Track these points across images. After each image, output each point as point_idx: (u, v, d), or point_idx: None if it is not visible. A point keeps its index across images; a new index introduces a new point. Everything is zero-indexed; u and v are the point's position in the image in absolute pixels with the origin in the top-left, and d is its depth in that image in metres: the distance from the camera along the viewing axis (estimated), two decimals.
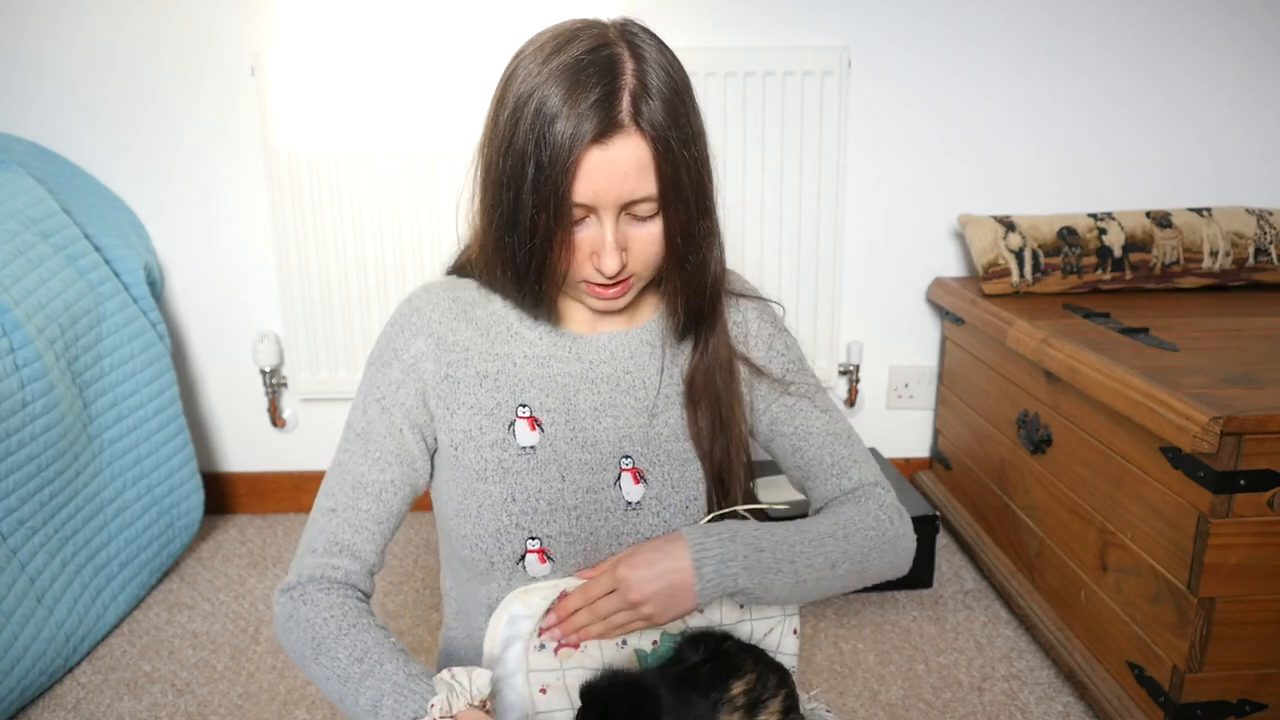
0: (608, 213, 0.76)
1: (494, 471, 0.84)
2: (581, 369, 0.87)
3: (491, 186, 0.79)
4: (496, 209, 0.78)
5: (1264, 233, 1.85)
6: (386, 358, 0.86)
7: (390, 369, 0.86)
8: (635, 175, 0.75)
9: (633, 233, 0.78)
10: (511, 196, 0.76)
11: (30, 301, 1.50)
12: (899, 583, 1.77)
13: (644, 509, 0.85)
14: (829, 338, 2.02)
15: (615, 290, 0.80)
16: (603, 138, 0.73)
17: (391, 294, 1.94)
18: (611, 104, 0.73)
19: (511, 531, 0.83)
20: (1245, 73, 1.96)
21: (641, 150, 0.74)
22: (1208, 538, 1.16)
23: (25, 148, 1.83)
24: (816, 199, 1.93)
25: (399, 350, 0.86)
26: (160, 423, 1.80)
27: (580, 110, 0.72)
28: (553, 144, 0.73)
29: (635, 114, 0.73)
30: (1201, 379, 1.27)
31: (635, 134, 0.74)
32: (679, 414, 0.88)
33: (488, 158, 0.80)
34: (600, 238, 0.77)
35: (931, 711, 1.43)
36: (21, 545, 1.45)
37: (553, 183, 0.73)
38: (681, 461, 0.87)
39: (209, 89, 1.90)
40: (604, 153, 0.73)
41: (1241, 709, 1.24)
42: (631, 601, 0.79)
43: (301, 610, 0.80)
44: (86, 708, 1.47)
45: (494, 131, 0.78)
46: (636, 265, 0.80)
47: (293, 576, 0.83)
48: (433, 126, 1.86)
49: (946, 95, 1.95)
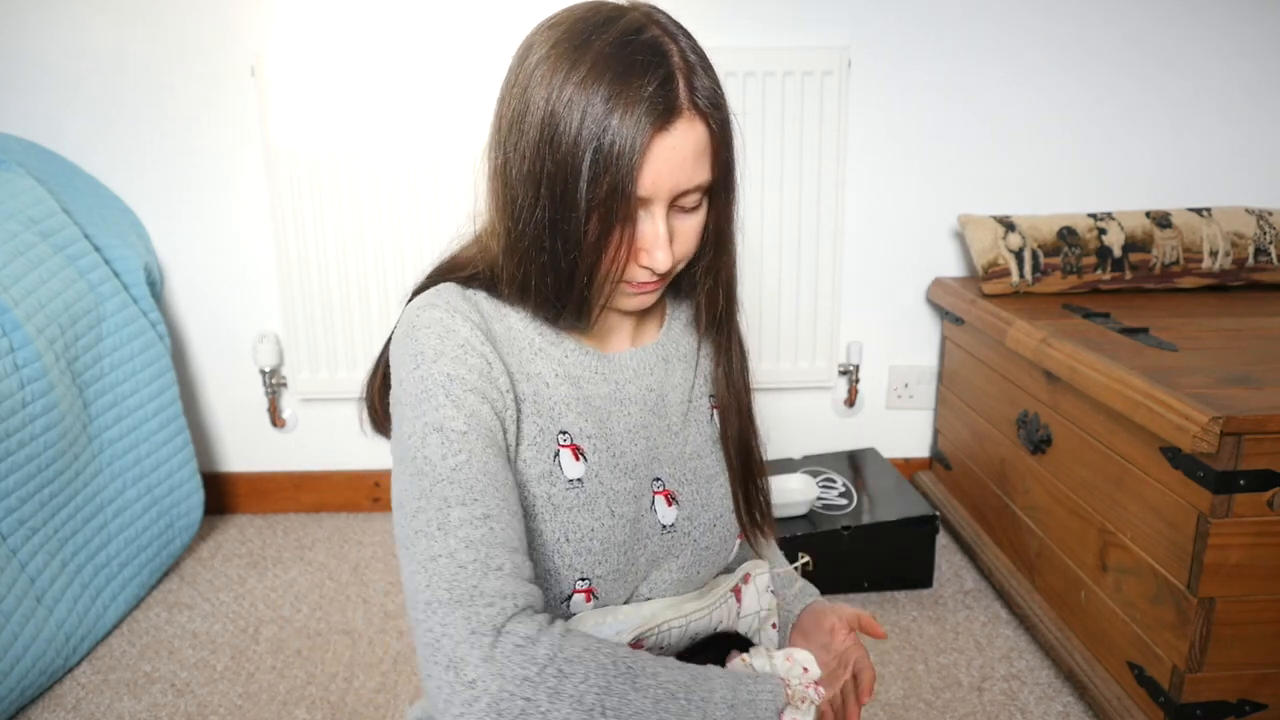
0: (660, 205, 0.71)
1: (544, 508, 0.74)
2: (610, 389, 0.80)
3: (523, 187, 0.70)
4: (533, 210, 0.70)
5: (1264, 233, 1.85)
6: (452, 351, 0.72)
7: (468, 357, 0.72)
8: (694, 162, 0.70)
9: (678, 225, 0.74)
10: (559, 195, 0.68)
11: (30, 301, 1.50)
12: (899, 582, 1.77)
13: (678, 531, 0.82)
14: (829, 338, 2.02)
15: (655, 285, 0.76)
16: (666, 124, 0.68)
17: (391, 294, 1.95)
18: (670, 87, 0.68)
19: (562, 573, 0.75)
20: (1245, 72, 1.96)
21: (701, 134, 0.70)
22: (1207, 538, 1.16)
23: (25, 148, 1.83)
24: (816, 199, 1.93)
25: (465, 345, 0.72)
26: (160, 423, 1.80)
27: (641, 96, 0.66)
28: (614, 134, 0.66)
29: (692, 95, 0.69)
30: (1201, 379, 1.27)
31: (696, 117, 0.70)
32: (701, 429, 0.86)
33: (506, 158, 0.72)
34: (651, 232, 0.72)
35: (931, 711, 1.43)
36: (21, 545, 1.45)
37: (618, 177, 0.67)
38: (707, 478, 0.85)
39: (209, 89, 1.90)
40: (666, 139, 0.68)
41: (1241, 709, 1.24)
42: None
43: (568, 645, 0.63)
44: (86, 708, 1.47)
45: (518, 128, 0.70)
46: (677, 258, 0.75)
47: (495, 612, 0.62)
48: (433, 127, 1.86)
49: (947, 95, 1.95)
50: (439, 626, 0.62)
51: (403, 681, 1.52)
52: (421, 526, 0.65)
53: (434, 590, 0.63)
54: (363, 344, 1.98)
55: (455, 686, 0.60)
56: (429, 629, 0.62)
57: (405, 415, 0.70)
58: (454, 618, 0.61)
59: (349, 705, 1.46)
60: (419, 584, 0.64)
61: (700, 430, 0.85)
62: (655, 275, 0.74)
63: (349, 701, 1.47)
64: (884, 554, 1.75)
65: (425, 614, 0.62)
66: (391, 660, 1.58)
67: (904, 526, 1.74)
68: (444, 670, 0.60)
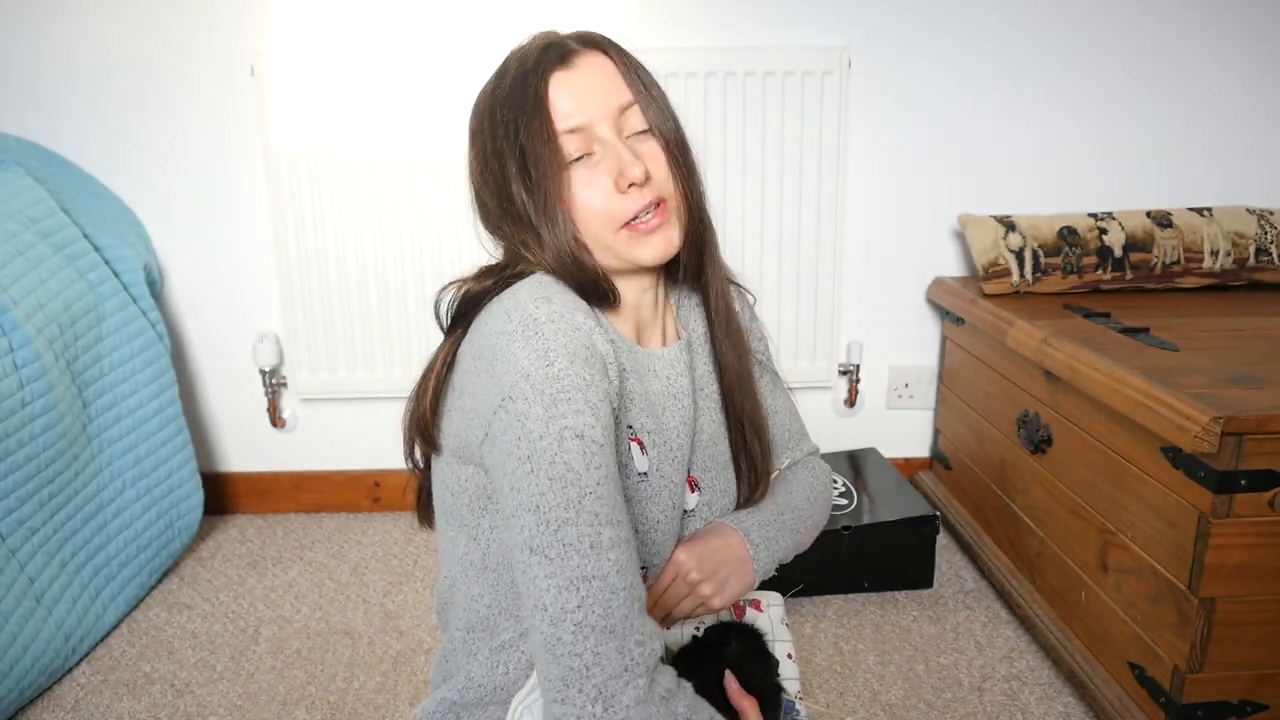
0: (605, 126, 0.76)
1: None
2: (662, 385, 0.83)
3: (499, 186, 0.78)
4: (515, 194, 0.77)
5: (1265, 232, 1.84)
6: (583, 352, 0.71)
7: (593, 359, 0.72)
8: (612, 83, 0.77)
9: (639, 150, 0.77)
10: (520, 165, 0.76)
11: (29, 301, 1.50)
12: (899, 583, 1.77)
13: (696, 515, 0.86)
14: (829, 338, 2.02)
15: (656, 219, 0.77)
16: (564, 62, 0.76)
17: (391, 294, 1.94)
18: (562, 42, 0.78)
19: None
20: (1245, 72, 1.96)
21: (605, 63, 0.78)
22: (1208, 538, 1.16)
23: (25, 148, 1.83)
24: (816, 199, 1.93)
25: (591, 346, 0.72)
26: (160, 423, 1.80)
27: (536, 58, 0.76)
28: (523, 90, 0.75)
29: (589, 41, 0.78)
30: (1202, 379, 1.27)
31: (595, 52, 0.79)
32: (714, 415, 0.89)
33: (481, 159, 0.80)
34: (614, 156, 0.76)
35: (931, 712, 1.43)
36: (21, 545, 1.45)
37: (535, 118, 0.74)
38: (723, 465, 0.89)
39: (209, 89, 1.90)
40: (572, 74, 0.76)
41: (1242, 709, 1.24)
42: (691, 582, 0.80)
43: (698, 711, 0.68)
44: (86, 708, 1.47)
45: (475, 145, 0.81)
46: (660, 178, 0.77)
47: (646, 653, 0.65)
48: (433, 126, 1.86)
49: (947, 95, 1.95)
50: (590, 654, 0.62)
51: (403, 681, 1.52)
52: (572, 540, 0.65)
53: (586, 612, 0.63)
54: (363, 344, 1.98)
55: (600, 719, 0.62)
56: (578, 654, 0.62)
57: (532, 413, 0.68)
58: (608, 648, 0.63)
59: (349, 705, 1.46)
60: (568, 602, 0.63)
61: (714, 417, 0.89)
62: (645, 200, 0.76)
63: (349, 701, 1.47)
64: (884, 554, 1.74)
65: (575, 636, 0.63)
66: (391, 660, 1.58)
67: (904, 526, 1.74)
68: (590, 701, 0.62)
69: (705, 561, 0.82)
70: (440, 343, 0.81)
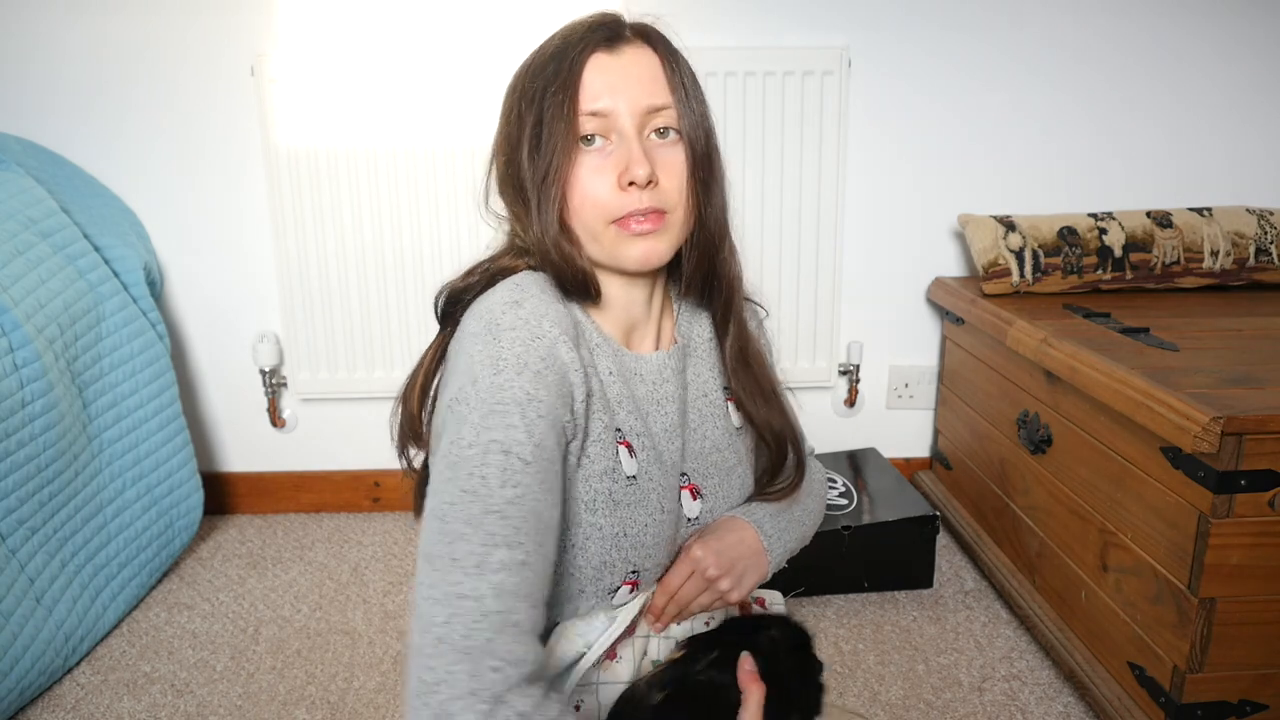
0: (629, 120, 0.75)
1: (604, 504, 0.76)
2: (648, 390, 0.82)
3: (507, 135, 0.78)
4: (515, 150, 0.77)
5: (1265, 232, 1.84)
6: (536, 364, 0.70)
7: (548, 373, 0.71)
8: (650, 81, 0.75)
9: (657, 155, 0.75)
10: (529, 123, 0.75)
11: (29, 301, 1.50)
12: (899, 583, 1.77)
13: (701, 523, 0.86)
14: (829, 338, 2.02)
15: (650, 220, 0.75)
16: (611, 46, 0.75)
17: (391, 294, 1.95)
18: (615, 24, 0.76)
19: (617, 565, 0.77)
20: (1246, 72, 1.96)
21: (651, 59, 0.76)
22: (1208, 538, 1.16)
23: (25, 148, 1.83)
24: (816, 199, 1.93)
25: (549, 357, 0.71)
26: (160, 423, 1.80)
27: (582, 34, 0.75)
28: (560, 60, 0.74)
29: (641, 32, 0.77)
30: (1202, 379, 1.27)
31: (644, 45, 0.76)
32: (717, 422, 0.88)
33: (505, 117, 0.80)
34: (624, 150, 0.74)
35: (932, 712, 1.43)
36: (21, 545, 1.45)
37: (562, 91, 0.73)
38: (727, 470, 0.88)
39: (209, 89, 1.90)
40: (610, 58, 0.75)
41: (1242, 709, 1.24)
42: (709, 578, 0.81)
43: None
44: (86, 708, 1.47)
45: (507, 119, 0.79)
46: (668, 189, 0.76)
47: (499, 679, 0.61)
48: (433, 126, 1.86)
49: (946, 95, 1.95)
50: (442, 670, 0.60)
51: (402, 681, 1.52)
52: (460, 556, 0.64)
53: (450, 629, 0.61)
54: (362, 344, 1.98)
55: None
56: (431, 667, 0.61)
57: (469, 420, 0.68)
58: (459, 669, 0.60)
59: (349, 705, 1.46)
60: (437, 616, 0.62)
61: (717, 424, 0.88)
62: (643, 203, 0.74)
63: (349, 701, 1.47)
64: (884, 554, 1.74)
65: (433, 650, 0.61)
66: (391, 660, 1.58)
67: (904, 526, 1.74)
68: (430, 717, 0.60)
69: (722, 556, 0.82)
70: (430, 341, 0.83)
